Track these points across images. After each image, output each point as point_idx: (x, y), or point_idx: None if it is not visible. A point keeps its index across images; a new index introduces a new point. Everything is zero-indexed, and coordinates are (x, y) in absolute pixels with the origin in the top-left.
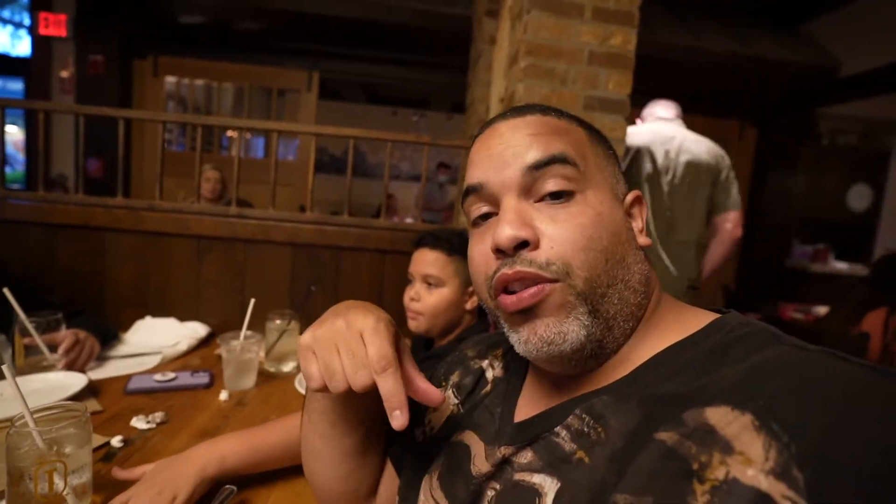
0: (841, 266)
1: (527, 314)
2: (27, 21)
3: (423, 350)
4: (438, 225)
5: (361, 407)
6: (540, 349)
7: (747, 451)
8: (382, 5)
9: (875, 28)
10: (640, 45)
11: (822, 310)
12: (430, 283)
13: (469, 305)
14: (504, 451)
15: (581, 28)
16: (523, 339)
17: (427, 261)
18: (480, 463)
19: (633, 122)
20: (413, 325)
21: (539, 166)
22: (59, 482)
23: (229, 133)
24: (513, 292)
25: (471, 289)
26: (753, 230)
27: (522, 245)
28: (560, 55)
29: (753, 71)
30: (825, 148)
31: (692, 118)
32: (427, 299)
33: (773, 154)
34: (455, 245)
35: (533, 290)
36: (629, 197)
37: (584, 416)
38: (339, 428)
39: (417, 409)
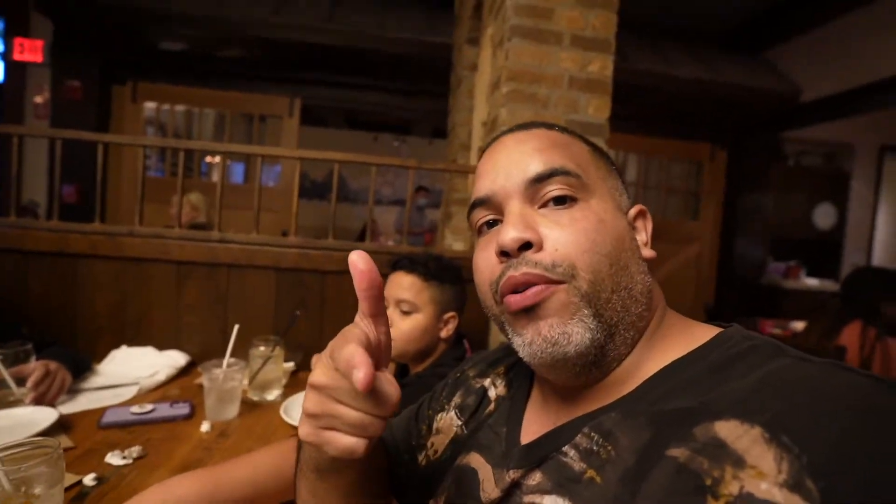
0: (812, 282)
1: (531, 314)
2: (1, 47)
3: (398, 378)
4: (420, 248)
5: (367, 471)
6: (544, 350)
7: (759, 465)
8: (364, 34)
9: (832, 56)
10: (615, 71)
11: (798, 325)
12: (404, 309)
13: (444, 333)
14: (513, 475)
15: (560, 55)
16: (527, 341)
17: (402, 285)
18: (490, 489)
19: (612, 146)
20: None
21: (541, 178)
22: None
23: (208, 159)
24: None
25: (446, 316)
26: (730, 248)
27: (526, 247)
28: (541, 80)
29: (721, 96)
30: (791, 169)
31: (666, 141)
32: (399, 325)
33: (744, 175)
34: (432, 270)
35: (538, 287)
36: (633, 211)
37: (592, 434)
38: (351, 494)
39: (419, 434)
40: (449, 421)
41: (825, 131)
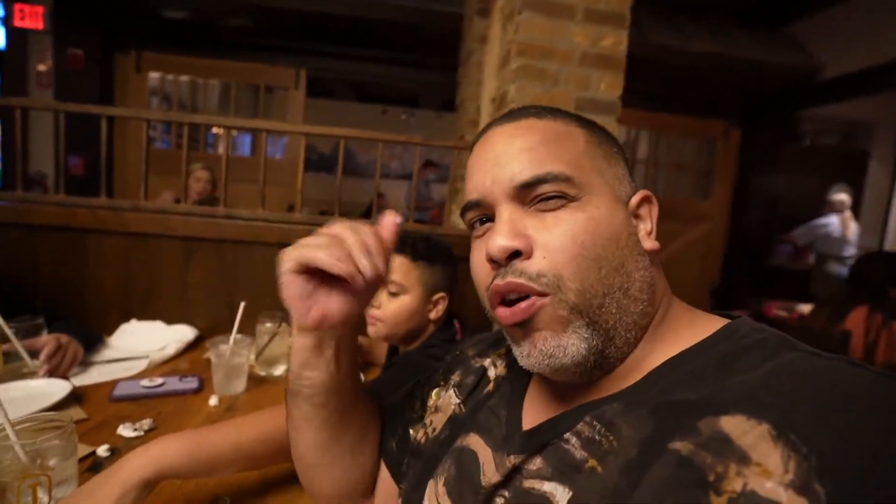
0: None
1: (524, 327)
2: (1, 12)
3: (388, 359)
4: (428, 224)
5: (345, 405)
6: (541, 362)
7: (765, 463)
8: (371, 2)
9: (855, 32)
10: (629, 45)
11: (805, 307)
12: (392, 290)
13: (433, 315)
14: (514, 459)
15: (573, 29)
16: (525, 353)
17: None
18: (490, 472)
19: (623, 123)
20: (372, 330)
21: (528, 185)
22: (43, 496)
23: (215, 130)
24: (509, 303)
25: (435, 297)
26: (738, 229)
27: (515, 255)
28: (552, 56)
29: (737, 72)
30: (807, 148)
31: (679, 118)
32: (387, 306)
33: (757, 154)
34: (420, 251)
35: (525, 304)
36: (636, 198)
37: (594, 423)
38: (326, 431)
39: (413, 409)
40: (448, 399)
41: (844, 110)
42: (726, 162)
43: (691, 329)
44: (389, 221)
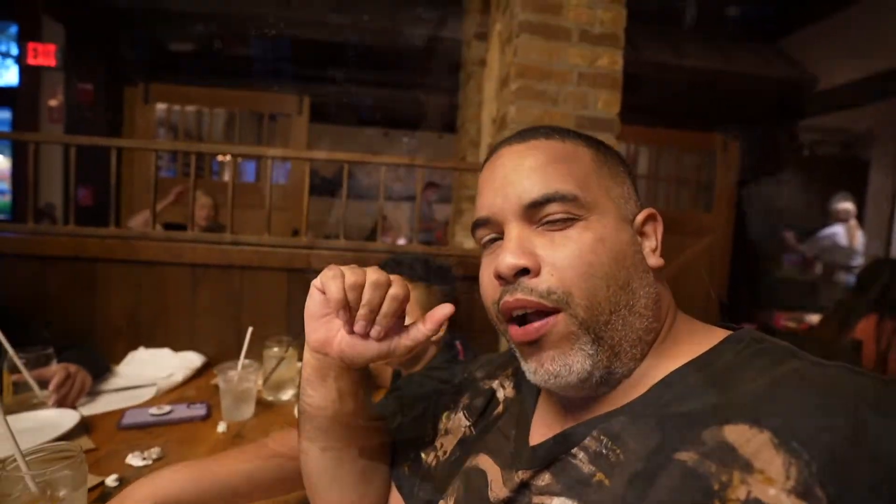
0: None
1: (533, 346)
2: (15, 51)
3: (392, 382)
4: (432, 244)
5: (350, 436)
6: (547, 380)
7: (767, 470)
8: (371, 30)
9: (848, 43)
10: (625, 63)
11: (814, 318)
12: None
13: (434, 336)
14: (522, 475)
15: (569, 50)
16: (532, 370)
17: None
18: (498, 489)
19: (622, 139)
20: None
21: (537, 204)
22: None
23: (220, 158)
24: (520, 319)
25: None
26: (743, 241)
27: (523, 272)
28: (550, 77)
29: (734, 86)
30: (807, 158)
31: (678, 132)
32: None
33: (757, 166)
34: (418, 272)
35: (538, 324)
36: (640, 216)
37: (601, 437)
38: (330, 458)
39: (425, 432)
40: (457, 422)
41: (841, 119)
42: (727, 174)
43: (695, 341)
44: (442, 314)
